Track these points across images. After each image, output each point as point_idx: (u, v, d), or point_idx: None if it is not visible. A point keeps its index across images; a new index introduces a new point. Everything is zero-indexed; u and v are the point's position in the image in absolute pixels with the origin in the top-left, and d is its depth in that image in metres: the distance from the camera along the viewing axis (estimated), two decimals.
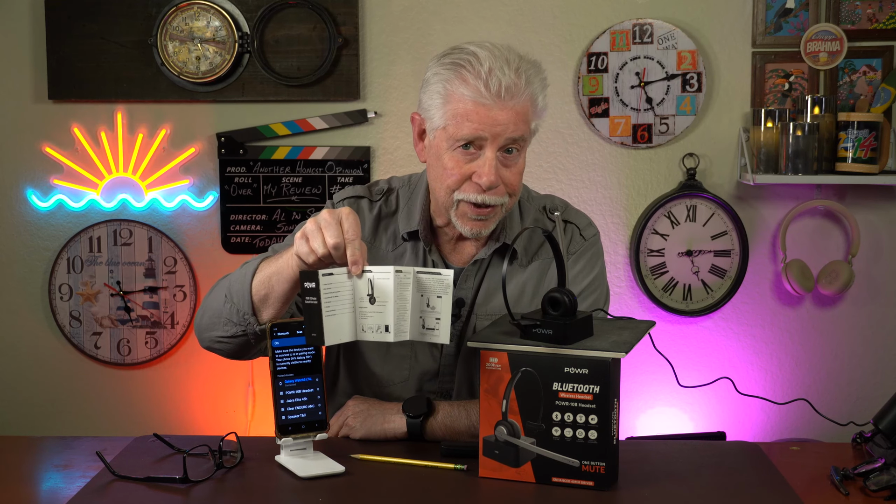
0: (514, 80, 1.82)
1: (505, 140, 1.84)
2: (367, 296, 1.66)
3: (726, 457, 1.86)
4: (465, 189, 1.87)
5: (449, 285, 1.69)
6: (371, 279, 1.66)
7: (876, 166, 3.08)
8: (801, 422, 3.22)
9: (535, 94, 1.87)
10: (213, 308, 1.87)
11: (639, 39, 3.19)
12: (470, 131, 1.83)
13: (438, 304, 1.69)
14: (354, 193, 2.04)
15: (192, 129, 3.26)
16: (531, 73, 1.87)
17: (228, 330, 1.85)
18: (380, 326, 1.67)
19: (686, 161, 3.21)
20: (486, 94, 1.81)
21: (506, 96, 1.82)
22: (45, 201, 3.27)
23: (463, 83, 1.83)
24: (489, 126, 1.83)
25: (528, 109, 1.86)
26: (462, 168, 1.86)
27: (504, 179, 1.87)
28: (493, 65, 1.82)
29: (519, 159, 1.89)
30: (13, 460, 1.89)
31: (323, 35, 3.19)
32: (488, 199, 1.87)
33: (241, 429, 3.15)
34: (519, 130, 1.85)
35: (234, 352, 1.90)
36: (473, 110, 1.83)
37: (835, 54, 3.15)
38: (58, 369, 3.33)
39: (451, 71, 1.84)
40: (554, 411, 1.65)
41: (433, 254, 1.99)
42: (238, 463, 1.76)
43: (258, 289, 1.80)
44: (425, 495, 1.65)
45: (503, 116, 1.83)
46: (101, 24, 3.20)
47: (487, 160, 1.84)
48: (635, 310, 3.27)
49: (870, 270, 3.25)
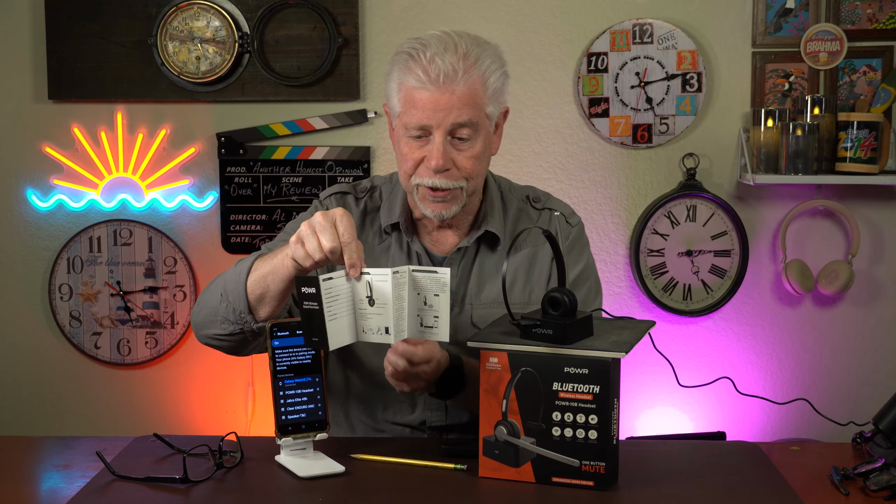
0: (454, 64, 1.84)
1: (451, 125, 1.86)
2: (366, 297, 1.66)
3: (726, 457, 1.86)
4: (419, 173, 1.91)
5: (446, 283, 1.69)
6: (370, 281, 1.66)
7: (876, 166, 3.08)
8: (801, 422, 3.22)
9: (485, 75, 1.88)
10: (209, 306, 1.88)
11: (639, 39, 3.19)
12: (416, 119, 1.87)
13: (436, 303, 1.70)
14: (340, 190, 2.08)
15: (192, 129, 3.26)
16: (482, 55, 1.88)
17: (226, 328, 1.85)
18: (380, 328, 1.67)
19: (686, 161, 3.21)
20: (426, 80, 1.84)
21: (445, 81, 1.84)
22: (45, 201, 3.27)
23: (409, 72, 1.86)
24: (432, 112, 1.85)
25: (476, 92, 1.87)
26: (415, 153, 1.90)
27: (457, 163, 1.89)
28: (437, 51, 1.85)
29: (474, 144, 1.90)
30: (13, 460, 1.89)
31: (323, 35, 3.19)
32: (439, 183, 1.89)
33: (241, 429, 3.15)
34: (465, 115, 1.86)
35: (231, 348, 1.91)
36: (418, 97, 1.86)
37: (835, 54, 3.15)
38: (58, 369, 3.33)
39: (401, 61, 1.89)
40: (554, 411, 1.65)
41: (415, 244, 2.00)
42: (238, 463, 1.76)
43: (254, 288, 1.80)
44: (425, 495, 1.65)
45: (445, 101, 1.85)
46: (101, 24, 3.20)
47: (435, 145, 1.87)
48: (635, 310, 3.27)
49: (870, 270, 3.26)
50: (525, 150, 3.25)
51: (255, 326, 1.83)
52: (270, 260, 1.79)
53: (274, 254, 1.80)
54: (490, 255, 2.01)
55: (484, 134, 1.91)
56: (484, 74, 1.88)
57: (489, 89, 1.89)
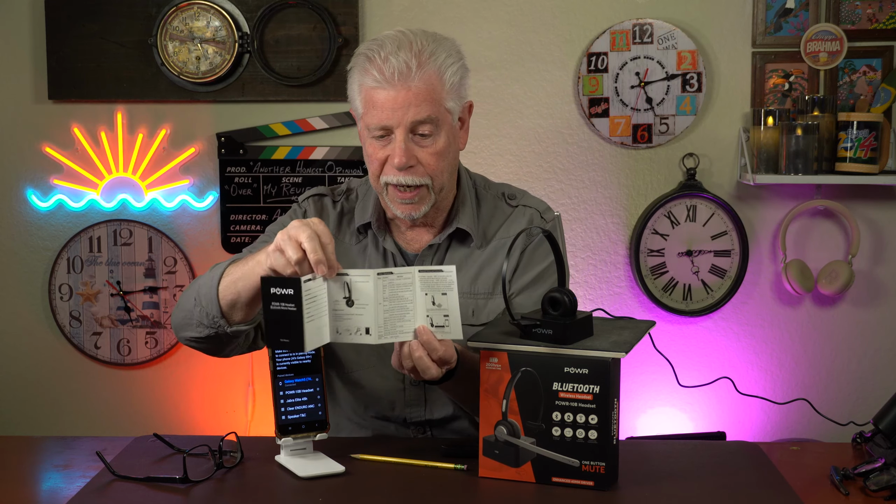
0: (407, 61, 1.85)
1: (410, 123, 1.87)
2: (343, 298, 1.67)
3: (726, 457, 1.86)
4: (385, 172, 1.91)
5: (452, 281, 1.69)
6: (348, 282, 1.67)
7: (876, 166, 3.08)
8: (801, 422, 3.22)
9: (440, 70, 1.88)
10: (185, 309, 1.89)
11: (639, 39, 3.19)
12: (377, 119, 1.88)
13: (444, 301, 1.69)
14: (318, 192, 2.09)
15: (192, 129, 3.26)
16: (437, 50, 1.88)
17: (201, 331, 1.86)
18: (359, 329, 1.68)
19: (686, 161, 3.21)
20: (382, 79, 1.85)
21: (400, 79, 1.85)
22: (45, 201, 3.27)
23: (366, 73, 1.88)
24: (391, 111, 1.86)
25: (433, 87, 1.87)
26: (379, 153, 1.91)
27: (420, 160, 1.89)
28: (391, 49, 1.86)
29: (437, 140, 1.90)
30: (13, 460, 1.89)
31: (323, 35, 3.19)
32: (404, 180, 1.89)
33: (241, 429, 3.15)
34: (423, 111, 1.86)
35: (210, 350, 1.93)
36: (377, 97, 1.87)
37: (835, 54, 3.14)
38: (58, 369, 3.33)
39: (360, 63, 1.90)
40: (554, 411, 1.65)
41: (387, 242, 2.01)
42: (238, 463, 1.76)
43: (225, 293, 1.81)
44: (425, 495, 1.65)
45: (402, 99, 1.85)
46: (101, 24, 3.20)
47: (397, 143, 1.88)
48: (635, 310, 3.27)
49: (870, 270, 3.26)
50: (525, 150, 3.25)
51: (230, 330, 1.84)
52: (243, 266, 1.79)
53: (247, 260, 1.80)
54: (459, 249, 2.01)
55: (446, 129, 1.91)
56: (440, 69, 1.88)
57: (447, 83, 1.89)
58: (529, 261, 2.01)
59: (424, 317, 1.70)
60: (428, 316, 1.70)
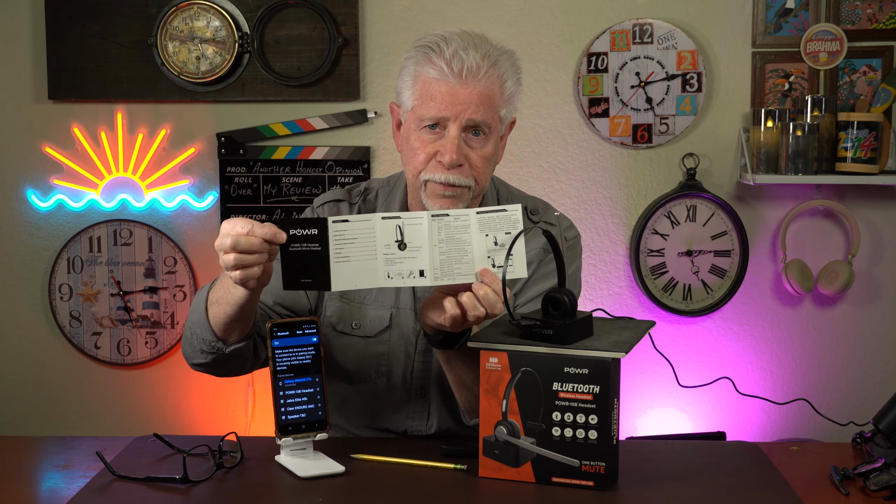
0: (477, 61, 1.85)
1: (467, 120, 1.86)
2: (395, 242, 1.66)
3: (726, 457, 1.86)
4: (430, 169, 1.89)
5: (518, 220, 1.68)
6: (399, 225, 1.66)
7: (876, 166, 3.08)
8: (801, 422, 3.22)
9: (503, 77, 1.88)
10: (186, 338, 1.90)
11: (639, 39, 3.19)
12: (434, 111, 1.86)
13: (508, 241, 1.67)
14: (334, 197, 2.06)
15: (192, 129, 3.26)
16: (501, 58, 1.88)
17: (206, 357, 1.88)
18: (412, 272, 1.67)
19: (686, 161, 3.21)
20: (449, 72, 1.84)
21: (468, 76, 1.84)
22: (45, 201, 3.27)
23: (429, 63, 1.86)
24: (451, 104, 1.85)
25: (494, 93, 1.87)
26: (427, 147, 1.88)
27: (469, 160, 1.88)
28: (459, 46, 1.85)
29: (486, 145, 1.89)
30: (13, 460, 1.89)
31: (323, 35, 3.19)
32: (452, 178, 1.87)
33: (241, 429, 3.15)
34: (481, 113, 1.86)
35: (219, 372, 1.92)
36: (437, 89, 1.85)
37: (835, 54, 3.15)
38: (58, 369, 3.33)
39: (420, 54, 1.88)
40: (554, 411, 1.65)
41: None
42: (238, 463, 1.76)
43: (214, 318, 1.81)
44: (425, 495, 1.65)
45: (465, 95, 1.85)
46: (102, 24, 3.20)
47: (450, 138, 1.86)
48: (635, 310, 3.27)
49: (870, 270, 3.26)
50: (525, 150, 3.25)
51: (228, 350, 1.85)
52: (218, 289, 1.80)
53: (220, 281, 1.80)
54: None
55: (494, 137, 1.91)
56: (502, 76, 1.88)
57: (505, 92, 1.89)
58: (546, 272, 2.00)
59: (485, 258, 1.68)
60: (489, 257, 1.68)
